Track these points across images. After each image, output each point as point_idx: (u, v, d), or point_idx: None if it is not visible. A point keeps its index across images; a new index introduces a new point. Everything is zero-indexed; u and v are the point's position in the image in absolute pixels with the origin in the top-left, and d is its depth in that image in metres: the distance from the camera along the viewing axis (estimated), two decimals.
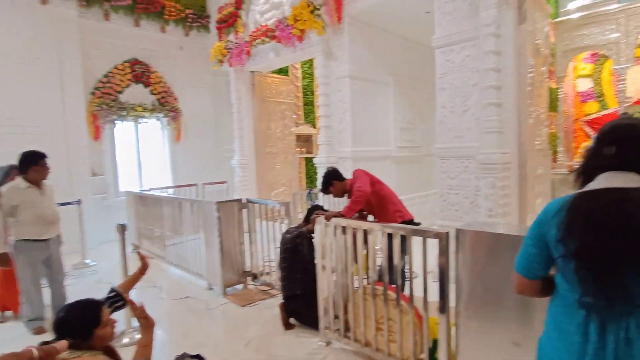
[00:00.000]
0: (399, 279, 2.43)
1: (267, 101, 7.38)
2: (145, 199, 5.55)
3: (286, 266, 3.24)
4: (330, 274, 2.90)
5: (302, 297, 3.14)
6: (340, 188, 3.40)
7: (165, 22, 7.24)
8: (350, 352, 2.78)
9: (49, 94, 5.78)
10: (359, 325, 2.71)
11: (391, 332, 2.51)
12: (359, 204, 3.18)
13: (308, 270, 3.13)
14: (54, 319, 1.70)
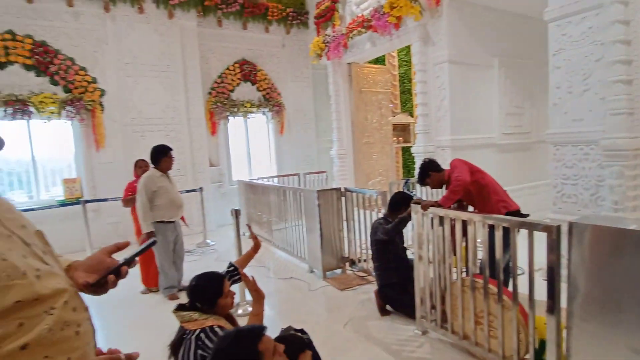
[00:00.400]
0: (501, 273, 2.33)
1: (364, 92, 7.45)
2: (254, 187, 6.12)
3: (378, 257, 3.33)
4: (427, 264, 2.91)
5: (397, 285, 3.21)
6: (437, 179, 3.33)
7: (269, 23, 7.77)
8: (447, 343, 2.77)
9: (176, 96, 6.72)
10: (457, 317, 2.67)
11: (492, 328, 2.43)
12: (457, 194, 3.09)
13: (402, 259, 3.18)
14: (188, 287, 2.06)
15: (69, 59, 5.82)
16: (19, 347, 0.70)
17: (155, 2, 6.40)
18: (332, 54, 6.86)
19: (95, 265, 0.95)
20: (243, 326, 1.45)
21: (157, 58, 6.51)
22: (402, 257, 3.31)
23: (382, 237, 3.21)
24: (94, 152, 6.08)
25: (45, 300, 0.76)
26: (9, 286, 0.70)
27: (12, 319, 0.70)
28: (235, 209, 3.53)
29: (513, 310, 2.26)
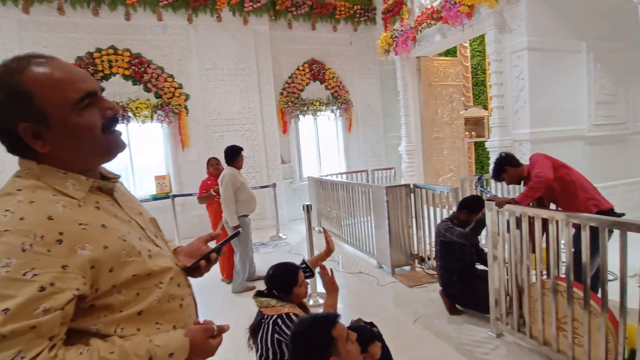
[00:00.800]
0: (588, 277, 2.18)
1: (434, 85, 7.24)
2: (324, 184, 6.29)
3: (441, 257, 3.26)
4: (502, 264, 2.80)
5: (459, 283, 3.14)
6: (514, 174, 3.16)
7: (337, 22, 7.88)
8: (524, 348, 2.65)
9: (251, 98, 7.13)
10: (536, 321, 2.54)
11: (576, 335, 2.28)
12: (538, 191, 2.91)
13: (465, 261, 3.09)
14: (265, 276, 2.24)
15: (159, 68, 6.49)
16: (136, 312, 0.84)
17: (231, 11, 6.85)
18: (400, 48, 6.77)
19: (194, 252, 1.09)
20: (319, 313, 1.56)
21: (233, 63, 6.97)
22: (467, 259, 3.20)
23: (452, 239, 3.12)
24: (180, 152, 6.72)
25: (155, 275, 0.89)
26: (128, 262, 0.83)
27: (130, 289, 0.84)
28: (307, 204, 3.69)
29: (602, 317, 2.10)
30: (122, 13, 6.23)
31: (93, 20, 6.10)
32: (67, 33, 6.01)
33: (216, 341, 0.94)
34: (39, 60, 0.80)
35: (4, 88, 0.77)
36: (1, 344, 0.66)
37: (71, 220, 0.78)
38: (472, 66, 8.46)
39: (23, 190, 0.79)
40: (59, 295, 0.72)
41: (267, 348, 1.96)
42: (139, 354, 0.78)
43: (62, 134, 0.81)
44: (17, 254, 0.70)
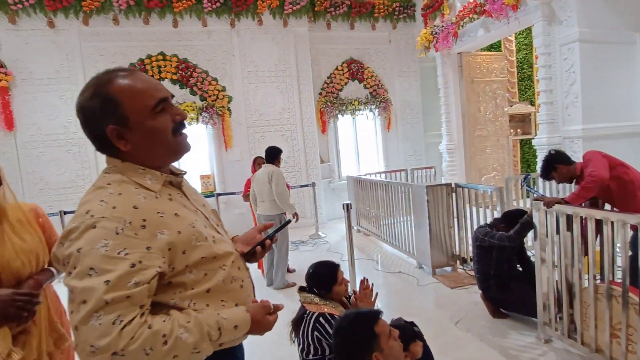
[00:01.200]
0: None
1: (477, 82, 7.03)
2: (363, 183, 6.30)
3: (479, 260, 3.17)
4: (552, 267, 2.69)
5: (495, 287, 3.06)
6: (566, 173, 3.01)
7: (375, 20, 7.84)
8: (575, 355, 2.54)
9: (290, 98, 7.27)
10: (588, 327, 2.43)
11: (630, 342, 2.16)
12: (591, 191, 2.76)
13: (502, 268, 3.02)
14: (306, 273, 2.30)
15: (204, 72, 6.78)
16: (205, 290, 0.98)
17: (271, 14, 7.01)
18: (441, 44, 6.63)
19: (250, 240, 1.24)
20: (363, 309, 1.59)
21: (274, 64, 7.14)
22: (505, 266, 3.10)
23: (492, 243, 3.03)
24: (224, 152, 6.98)
25: (219, 258, 1.02)
26: (197, 246, 0.97)
27: (200, 270, 0.98)
28: (347, 203, 3.71)
29: None
30: (170, 21, 6.56)
31: (144, 28, 6.48)
32: (121, 42, 6.43)
33: (273, 317, 1.07)
34: (124, 74, 0.97)
35: (99, 96, 0.94)
36: (105, 309, 0.81)
37: (151, 209, 0.93)
38: (518, 60, 8.12)
39: (112, 184, 0.95)
40: (146, 271, 0.86)
41: (309, 343, 2.03)
42: (210, 324, 0.92)
43: (140, 135, 0.96)
44: (113, 237, 0.85)
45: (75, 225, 0.87)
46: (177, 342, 0.86)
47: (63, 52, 6.20)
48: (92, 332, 0.79)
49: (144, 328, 0.83)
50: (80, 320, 0.80)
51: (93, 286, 0.81)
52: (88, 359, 0.80)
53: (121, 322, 0.81)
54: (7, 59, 5.97)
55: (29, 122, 6.11)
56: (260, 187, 4.25)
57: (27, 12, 5.95)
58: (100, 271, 0.82)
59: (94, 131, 0.96)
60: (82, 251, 0.83)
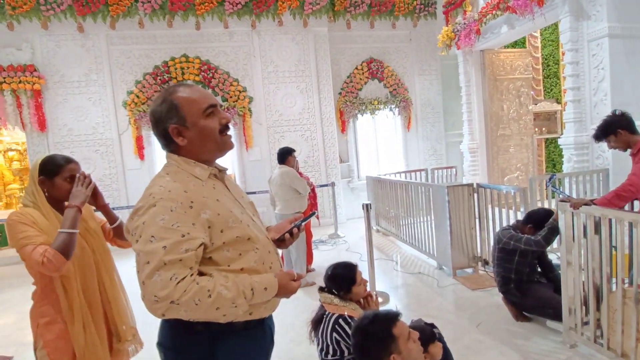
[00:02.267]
0: None
1: (499, 79, 6.87)
2: (382, 183, 6.27)
3: (499, 264, 3.10)
4: (578, 271, 2.62)
5: (516, 290, 2.99)
6: (625, 141, 2.75)
7: (396, 18, 7.78)
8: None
9: (310, 98, 7.31)
10: (615, 332, 2.35)
11: None
12: (624, 200, 2.55)
13: (522, 273, 2.95)
14: (325, 274, 2.32)
15: (225, 73, 6.89)
16: (239, 268, 1.17)
17: (292, 14, 7.06)
18: (463, 42, 6.51)
19: (281, 228, 1.45)
20: (381, 310, 1.60)
21: (294, 65, 7.19)
22: (526, 270, 3.02)
23: (517, 247, 2.95)
24: (244, 152, 7.08)
25: (253, 241, 1.22)
26: (233, 227, 1.18)
27: (235, 249, 1.18)
28: (366, 203, 3.72)
29: None
30: (193, 23, 6.70)
31: (168, 31, 6.64)
32: (146, 44, 6.61)
33: (297, 283, 1.24)
34: (184, 86, 1.25)
35: (166, 102, 1.21)
36: (164, 268, 1.03)
37: (198, 193, 1.16)
38: (543, 57, 7.89)
39: (170, 173, 1.20)
40: (193, 241, 1.08)
41: (327, 344, 2.04)
42: (244, 285, 1.12)
43: (194, 132, 1.20)
44: (168, 213, 1.08)
45: (141, 204, 1.11)
46: (219, 296, 1.06)
47: (92, 55, 6.43)
48: (155, 286, 1.02)
49: (194, 284, 1.04)
50: (146, 276, 1.03)
51: (154, 250, 1.04)
52: (152, 306, 1.03)
53: (176, 278, 1.03)
54: (40, 63, 6.25)
55: (60, 123, 6.37)
56: (276, 189, 4.33)
57: (58, 17, 6.20)
58: (159, 239, 1.05)
59: (161, 130, 1.21)
60: (146, 223, 1.07)
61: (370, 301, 2.27)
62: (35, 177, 1.68)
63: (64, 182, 1.70)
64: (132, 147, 6.62)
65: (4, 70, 6.05)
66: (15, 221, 1.59)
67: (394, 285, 4.15)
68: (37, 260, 1.50)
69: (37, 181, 1.67)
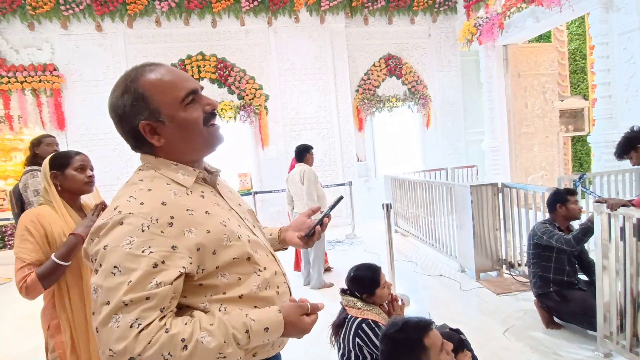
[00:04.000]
0: None
1: (523, 75, 6.65)
2: (401, 182, 6.13)
3: (535, 263, 2.94)
4: (614, 276, 2.46)
5: (555, 294, 2.81)
6: None
7: (414, 14, 7.61)
8: None
9: (327, 96, 7.21)
10: None
11: None
12: None
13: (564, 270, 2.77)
14: (347, 276, 2.22)
15: (241, 71, 6.85)
16: (237, 295, 0.92)
17: (308, 11, 6.97)
18: (485, 37, 6.32)
19: (300, 225, 1.23)
20: (411, 317, 1.49)
21: (310, 62, 7.10)
22: (567, 269, 2.85)
23: (550, 243, 2.80)
24: (260, 150, 7.04)
25: (254, 261, 0.96)
26: (229, 246, 0.92)
27: (232, 273, 0.92)
28: (387, 203, 3.61)
29: None
30: (209, 21, 6.68)
31: (184, 29, 6.64)
32: (163, 43, 6.62)
33: (311, 319, 0.96)
34: (151, 67, 0.95)
35: (129, 93, 0.91)
36: (123, 310, 0.77)
37: (180, 206, 0.89)
38: (570, 52, 7.61)
39: (144, 180, 0.93)
40: (168, 272, 0.81)
41: (349, 349, 1.95)
42: (236, 327, 0.85)
43: (172, 128, 0.93)
44: (138, 234, 0.82)
45: (104, 221, 0.84)
46: (197, 347, 0.79)
47: (109, 54, 6.47)
48: (111, 335, 0.76)
49: (162, 332, 0.78)
50: (100, 321, 0.78)
51: (117, 286, 0.78)
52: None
53: (139, 325, 0.76)
54: (59, 62, 6.32)
55: (79, 122, 6.43)
56: (294, 187, 4.24)
57: (77, 17, 6.26)
58: (124, 270, 0.79)
59: (128, 129, 0.94)
60: (108, 248, 0.81)
61: (396, 306, 2.17)
62: (47, 173, 1.69)
63: (75, 172, 1.71)
64: None
65: (25, 70, 6.14)
66: (23, 225, 1.59)
67: (414, 287, 4.03)
68: (18, 280, 1.52)
69: (49, 177, 1.68)
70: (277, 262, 1.08)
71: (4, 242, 6.34)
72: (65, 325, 1.62)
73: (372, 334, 1.90)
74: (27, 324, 3.42)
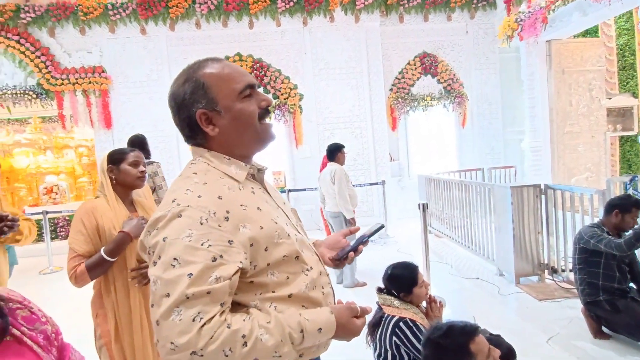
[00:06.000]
0: None
1: (568, 72, 6.35)
2: (436, 182, 6.02)
3: (582, 268, 2.79)
4: None
5: (606, 303, 2.66)
6: None
7: (451, 10, 7.44)
8: None
9: (361, 95, 7.19)
10: None
11: None
12: None
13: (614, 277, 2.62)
14: (384, 275, 2.21)
15: (277, 71, 6.96)
16: (287, 295, 0.92)
17: (343, 10, 6.98)
18: (527, 32, 6.08)
19: (334, 244, 1.17)
20: (456, 321, 1.47)
21: (344, 61, 7.10)
22: (617, 275, 2.69)
23: (598, 248, 2.66)
24: (294, 149, 7.12)
25: (302, 260, 0.96)
26: (279, 243, 0.92)
27: (282, 272, 0.92)
28: (423, 203, 3.56)
29: None
30: (247, 22, 6.83)
31: (223, 31, 6.83)
32: (202, 45, 6.85)
33: (360, 321, 0.95)
34: (213, 60, 0.98)
35: (190, 81, 0.95)
36: (185, 304, 0.77)
37: (235, 201, 0.90)
38: (618, 47, 7.18)
39: (198, 173, 0.93)
40: (227, 266, 0.81)
41: (386, 349, 1.95)
42: (292, 326, 0.84)
43: (228, 118, 0.95)
44: (197, 226, 0.82)
45: (162, 213, 0.85)
46: (257, 344, 0.79)
47: (153, 56, 6.76)
48: (173, 328, 0.76)
49: (224, 327, 0.78)
50: (161, 314, 0.77)
51: (177, 278, 0.78)
52: (168, 357, 0.77)
53: (201, 319, 0.76)
54: (107, 64, 6.68)
55: (124, 121, 6.76)
56: (325, 187, 4.26)
57: (123, 21, 6.59)
58: (184, 263, 0.79)
59: (185, 116, 0.96)
60: (167, 240, 0.81)
61: (434, 307, 2.14)
62: (104, 167, 1.80)
63: (129, 166, 1.80)
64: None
65: (77, 72, 6.53)
66: (79, 217, 1.71)
67: (449, 290, 3.96)
68: (69, 269, 1.65)
69: (105, 170, 1.79)
70: (321, 262, 1.07)
71: (56, 233, 6.77)
72: (110, 314, 1.70)
73: (409, 333, 1.88)
74: (77, 312, 3.64)
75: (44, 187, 7.59)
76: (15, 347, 0.74)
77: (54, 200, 7.49)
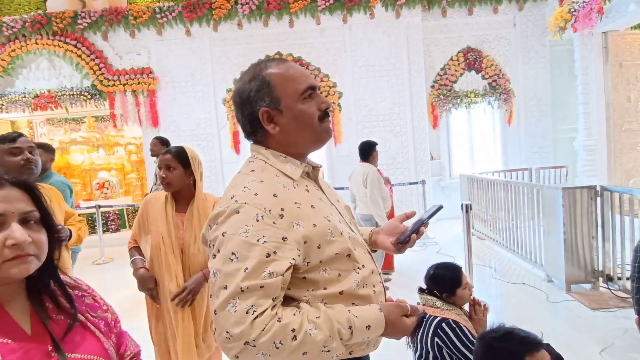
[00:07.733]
0: None
1: (626, 65, 5.91)
2: (479, 182, 5.81)
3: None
4: None
5: None
6: None
7: (498, 2, 7.12)
8: None
9: (401, 92, 7.05)
10: None
11: None
12: None
13: None
14: (426, 275, 2.16)
15: (316, 69, 6.98)
16: (338, 292, 0.94)
17: (384, 6, 6.88)
18: (582, 23, 5.70)
19: (392, 229, 1.18)
20: (519, 329, 1.39)
21: (384, 58, 7.00)
22: None
23: None
24: (333, 147, 7.12)
25: (354, 258, 0.97)
26: (332, 241, 0.93)
27: (333, 269, 0.94)
28: (466, 204, 3.46)
29: None
30: (287, 21, 6.90)
31: (264, 30, 6.94)
32: (244, 44, 7.00)
33: (410, 320, 0.95)
34: (278, 60, 1.03)
35: (256, 79, 0.99)
36: (240, 296, 0.82)
37: (289, 199, 0.93)
38: None
39: (255, 171, 0.98)
40: (280, 262, 0.85)
41: (427, 350, 1.91)
42: (340, 322, 0.86)
43: (289, 117, 0.99)
44: (253, 223, 0.86)
45: (221, 209, 0.90)
46: (307, 339, 0.82)
47: (197, 57, 7.00)
48: (229, 319, 0.81)
49: (274, 320, 0.81)
50: (219, 305, 0.83)
51: (234, 271, 0.83)
52: (224, 345, 0.82)
53: (254, 312, 0.81)
54: (154, 65, 7.00)
55: (170, 120, 7.07)
56: (357, 188, 4.05)
57: (170, 24, 6.87)
58: (241, 257, 0.83)
59: (248, 113, 1.00)
60: (226, 235, 0.86)
61: (478, 309, 2.07)
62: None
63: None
64: (229, 142, 7.08)
65: (127, 73, 6.89)
66: (141, 206, 2.03)
67: (492, 294, 3.81)
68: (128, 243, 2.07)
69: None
70: (374, 260, 1.08)
71: (107, 226, 7.20)
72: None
73: (452, 335, 1.83)
74: (127, 302, 3.85)
75: (97, 183, 8.10)
76: (80, 332, 0.79)
77: (105, 195, 7.97)
